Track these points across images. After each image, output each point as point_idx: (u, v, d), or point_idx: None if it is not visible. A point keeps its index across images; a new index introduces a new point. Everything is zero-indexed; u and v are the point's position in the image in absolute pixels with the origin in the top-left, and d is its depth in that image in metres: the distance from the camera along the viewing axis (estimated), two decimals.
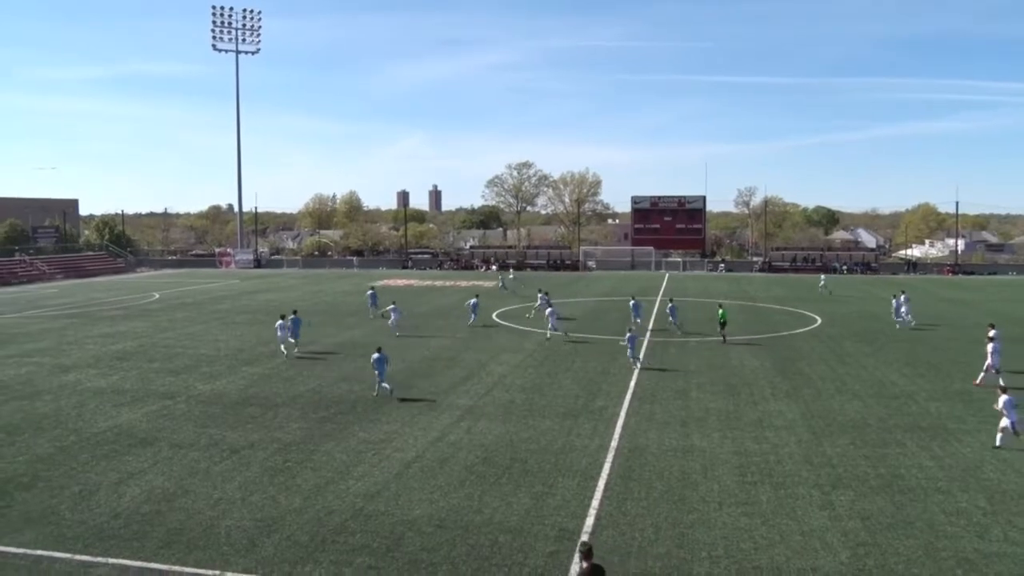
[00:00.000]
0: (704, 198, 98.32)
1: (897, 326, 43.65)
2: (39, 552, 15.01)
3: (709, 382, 29.43)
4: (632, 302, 44.75)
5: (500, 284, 66.31)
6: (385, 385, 27.18)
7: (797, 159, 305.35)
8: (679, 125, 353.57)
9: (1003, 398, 21.30)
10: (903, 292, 46.87)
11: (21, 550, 15.12)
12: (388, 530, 15.85)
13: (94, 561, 14.57)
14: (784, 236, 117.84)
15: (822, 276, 70.24)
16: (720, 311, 39.58)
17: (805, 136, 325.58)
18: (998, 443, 21.10)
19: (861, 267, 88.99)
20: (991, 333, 30.03)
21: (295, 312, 38.09)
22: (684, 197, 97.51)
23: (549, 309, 41.53)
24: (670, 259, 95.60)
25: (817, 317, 47.40)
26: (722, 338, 38.50)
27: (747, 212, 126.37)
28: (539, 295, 47.86)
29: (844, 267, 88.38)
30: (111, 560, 14.60)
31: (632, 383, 29.25)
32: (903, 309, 43.99)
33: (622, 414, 24.84)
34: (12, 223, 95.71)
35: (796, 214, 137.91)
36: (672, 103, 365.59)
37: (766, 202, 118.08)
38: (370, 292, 50.56)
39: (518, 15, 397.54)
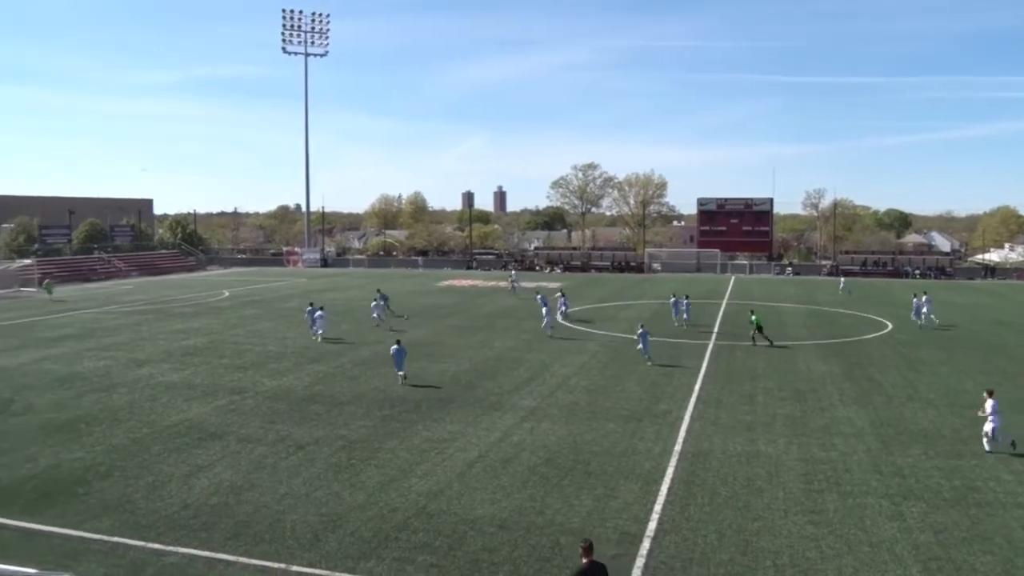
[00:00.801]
0: (771, 200, 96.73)
1: (919, 325, 44.26)
2: (115, 539, 15.54)
3: (776, 387, 28.97)
4: (672, 300, 44.95)
5: (511, 286, 66.35)
6: (401, 373, 29.55)
7: (868, 160, 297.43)
8: (746, 126, 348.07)
9: (989, 402, 21.15)
10: (924, 293, 47.06)
11: (99, 536, 15.69)
12: (450, 529, 15.96)
13: (165, 549, 15.01)
14: (854, 239, 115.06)
15: (842, 278, 68.67)
16: (753, 317, 39.45)
17: (877, 137, 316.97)
18: (987, 448, 20.94)
19: (935, 271, 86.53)
20: None
21: (311, 304, 43.29)
22: (751, 199, 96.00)
23: (545, 308, 42.91)
24: (736, 262, 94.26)
25: (888, 322, 46.26)
26: (753, 342, 38.20)
27: (815, 214, 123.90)
28: (559, 296, 48.32)
29: (916, 271, 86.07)
30: (181, 549, 15.01)
31: (697, 387, 28.95)
32: (924, 310, 44.70)
33: (686, 418, 24.61)
34: (92, 222, 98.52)
35: (866, 216, 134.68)
36: (739, 103, 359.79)
37: (835, 204, 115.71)
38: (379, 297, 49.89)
39: (582, 15, 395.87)
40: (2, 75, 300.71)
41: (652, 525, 16.17)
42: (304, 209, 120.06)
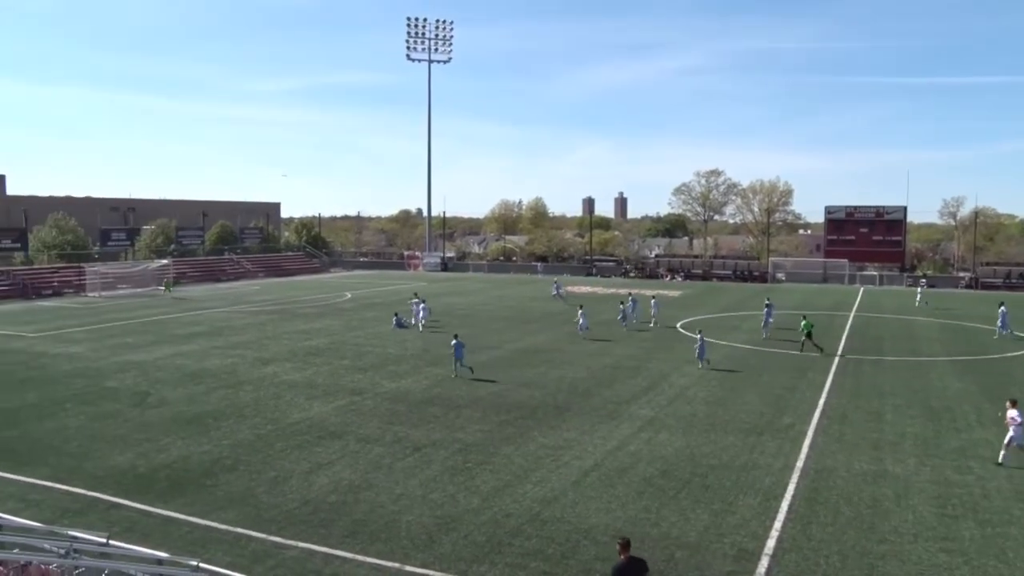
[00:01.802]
0: (905, 208, 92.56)
1: (995, 336, 43.85)
2: (239, 530, 16.13)
3: (906, 404, 27.63)
4: (767, 306, 45.41)
5: (555, 291, 65.49)
6: (465, 367, 31.71)
7: (1014, 165, 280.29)
8: (877, 130, 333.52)
9: (1011, 412, 20.76)
10: (1002, 304, 47.01)
11: (224, 526, 16.32)
12: (564, 537, 15.83)
13: (285, 543, 15.45)
14: (996, 250, 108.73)
15: (919, 290, 65.99)
16: (803, 322, 39.50)
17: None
18: (1000, 460, 20.68)
19: None
20: None
21: (396, 314, 48.03)
22: (882, 207, 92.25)
23: (632, 306, 46.29)
24: (865, 272, 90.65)
25: None
26: (801, 348, 38.16)
27: (953, 224, 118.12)
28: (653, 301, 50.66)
29: None
30: (300, 544, 15.43)
31: (821, 401, 27.93)
32: (1002, 320, 44.84)
33: (809, 433, 23.76)
34: (223, 224, 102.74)
35: (1012, 226, 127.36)
36: (869, 106, 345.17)
37: (976, 213, 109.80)
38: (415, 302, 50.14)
39: (704, 17, 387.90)
40: (138, 86, 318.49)
41: (771, 543, 15.64)
42: (425, 214, 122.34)
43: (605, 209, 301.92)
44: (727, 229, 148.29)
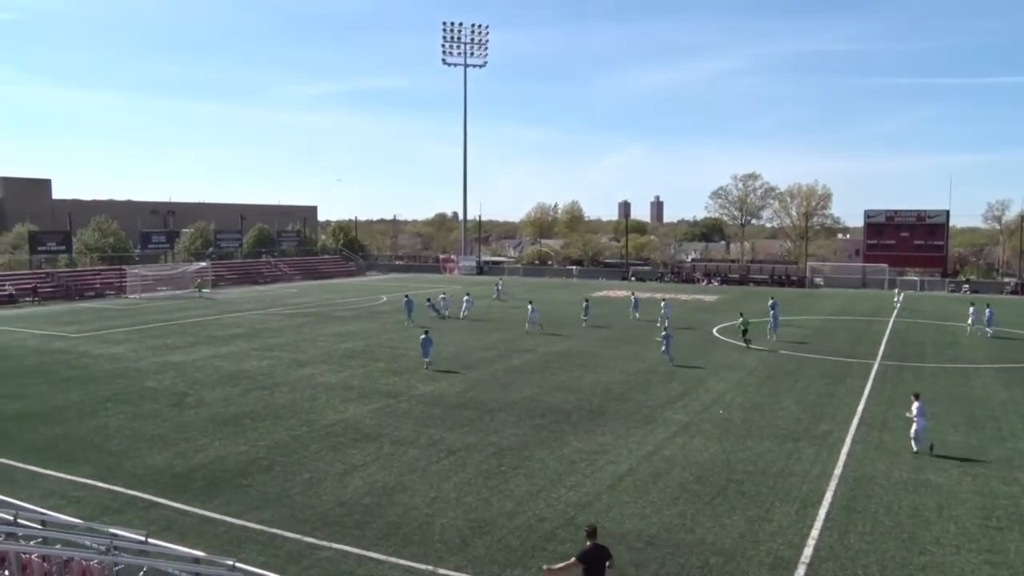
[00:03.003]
0: (947, 212, 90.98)
1: (978, 335, 45.87)
2: (274, 530, 16.26)
3: (947, 412, 27.11)
4: (771, 307, 46.46)
5: (496, 293, 65.38)
6: (428, 360, 34.10)
7: None
8: (918, 132, 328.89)
9: (915, 405, 22.48)
10: (981, 304, 49.00)
11: (259, 526, 16.47)
12: None
13: (320, 544, 15.55)
14: None
15: (898, 292, 69.15)
16: (741, 319, 42.59)
17: None
18: (915, 448, 22.06)
19: None
20: None
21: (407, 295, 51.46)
22: (924, 211, 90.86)
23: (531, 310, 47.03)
24: (906, 277, 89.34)
25: None
26: (747, 345, 40.40)
27: (998, 228, 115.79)
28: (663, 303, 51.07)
29: None
30: (334, 545, 15.53)
31: (860, 408, 27.54)
32: (970, 320, 47.29)
33: (847, 440, 23.43)
34: (260, 228, 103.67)
35: None
36: (910, 108, 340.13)
37: (1022, 217, 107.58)
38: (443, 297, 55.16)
39: (742, 20, 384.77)
40: (178, 91, 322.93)
41: (808, 551, 15.44)
42: (461, 217, 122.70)
43: (641, 213, 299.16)
44: (764, 233, 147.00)
